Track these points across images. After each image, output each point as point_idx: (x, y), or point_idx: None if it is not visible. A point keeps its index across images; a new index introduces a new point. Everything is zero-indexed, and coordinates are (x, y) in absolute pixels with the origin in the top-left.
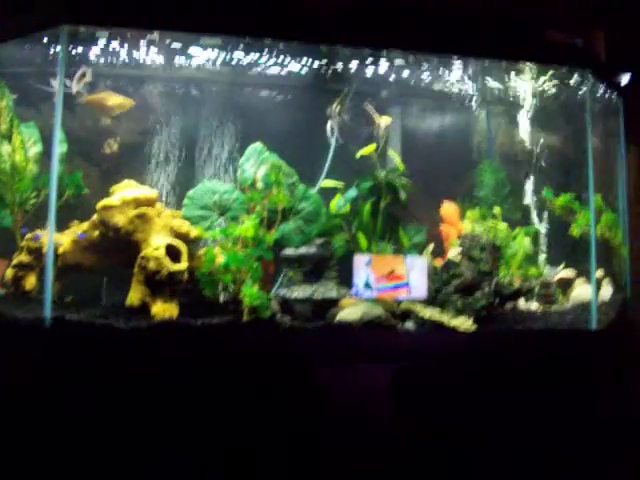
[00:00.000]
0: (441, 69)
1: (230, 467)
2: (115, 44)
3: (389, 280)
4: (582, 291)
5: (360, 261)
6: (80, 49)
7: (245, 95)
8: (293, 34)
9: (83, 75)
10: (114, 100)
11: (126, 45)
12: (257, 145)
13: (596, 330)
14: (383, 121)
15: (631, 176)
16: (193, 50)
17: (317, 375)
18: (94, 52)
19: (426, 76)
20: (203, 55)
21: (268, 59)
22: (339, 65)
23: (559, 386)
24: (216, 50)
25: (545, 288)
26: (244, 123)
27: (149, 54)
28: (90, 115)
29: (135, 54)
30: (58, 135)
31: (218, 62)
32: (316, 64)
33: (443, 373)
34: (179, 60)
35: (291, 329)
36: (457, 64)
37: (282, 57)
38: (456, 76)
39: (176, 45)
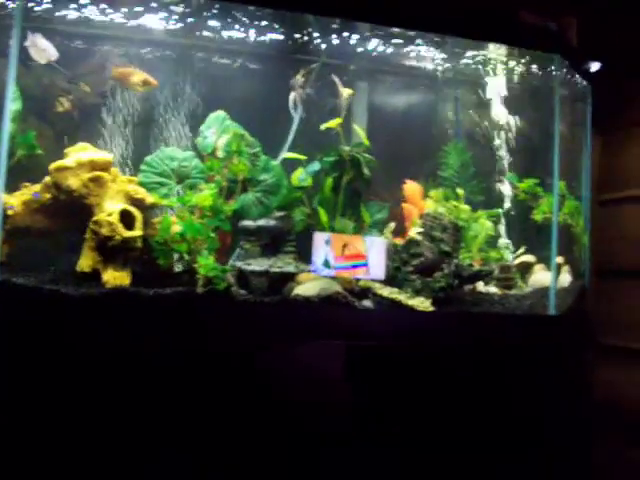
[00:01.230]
0: (410, 46)
1: (179, 443)
2: None
3: (348, 259)
4: (541, 276)
5: (319, 239)
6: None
7: (208, 61)
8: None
9: None
10: (139, 77)
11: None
12: (219, 113)
13: (554, 315)
14: (345, 92)
15: (595, 165)
16: (155, 10)
17: (271, 350)
18: (52, 6)
19: (394, 52)
20: (166, 16)
21: (234, 25)
22: (307, 35)
23: (515, 369)
24: (180, 12)
25: (505, 272)
26: (206, 90)
27: (109, 12)
28: (46, 73)
29: (94, 11)
30: (11, 91)
31: (182, 25)
32: (284, 33)
33: (397, 352)
34: (142, 21)
35: (246, 302)
36: (426, 41)
37: (249, 23)
38: (425, 54)
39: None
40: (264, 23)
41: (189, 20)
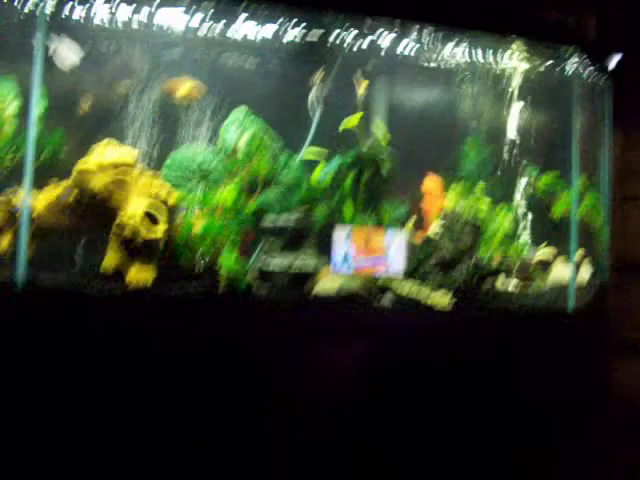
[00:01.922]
0: (430, 41)
1: (199, 440)
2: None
3: (368, 254)
4: (561, 272)
5: (340, 233)
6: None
7: (231, 59)
8: None
9: None
10: (187, 87)
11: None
12: (241, 110)
13: (573, 311)
14: (361, 85)
15: (615, 159)
16: (179, 9)
17: (293, 347)
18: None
19: (414, 48)
20: (189, 15)
21: (256, 23)
22: (327, 33)
23: (534, 365)
24: (203, 10)
25: (524, 267)
26: (229, 88)
27: (133, 12)
28: (70, 73)
29: (118, 12)
30: (37, 91)
31: (205, 24)
32: (305, 31)
33: (418, 349)
34: (166, 20)
35: (268, 300)
36: (447, 37)
37: (271, 22)
38: (445, 49)
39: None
40: (282, 20)
41: (206, 17)
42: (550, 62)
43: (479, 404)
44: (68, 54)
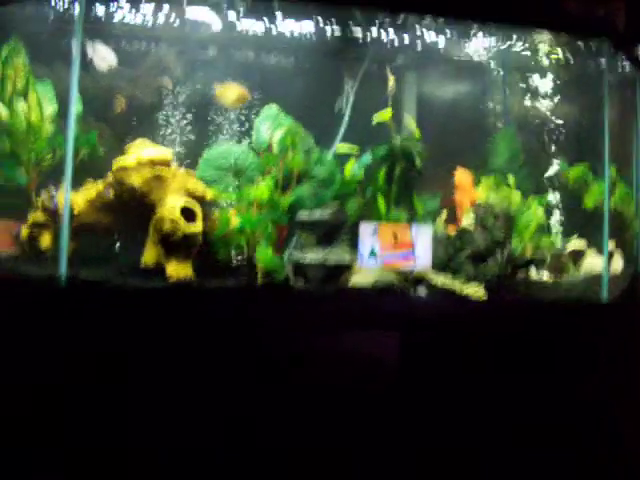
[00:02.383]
0: (458, 35)
1: (241, 432)
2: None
3: (395, 248)
4: (593, 263)
5: (366, 229)
6: (97, 6)
7: (261, 57)
8: None
9: None
10: (236, 93)
11: (142, 3)
12: (273, 107)
13: (607, 302)
14: (389, 81)
15: None
16: (209, 10)
17: (329, 340)
18: (110, 10)
19: (442, 42)
20: (220, 15)
21: (286, 21)
22: (356, 29)
23: (568, 356)
24: (234, 10)
25: (557, 259)
26: (260, 85)
27: (164, 13)
28: (104, 75)
29: (151, 13)
30: (75, 94)
31: (236, 23)
32: (333, 28)
33: (454, 340)
34: (196, 20)
35: (304, 293)
36: (474, 30)
37: (300, 20)
38: (473, 42)
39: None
40: (311, 18)
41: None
42: (579, 53)
43: (512, 395)
44: (103, 57)
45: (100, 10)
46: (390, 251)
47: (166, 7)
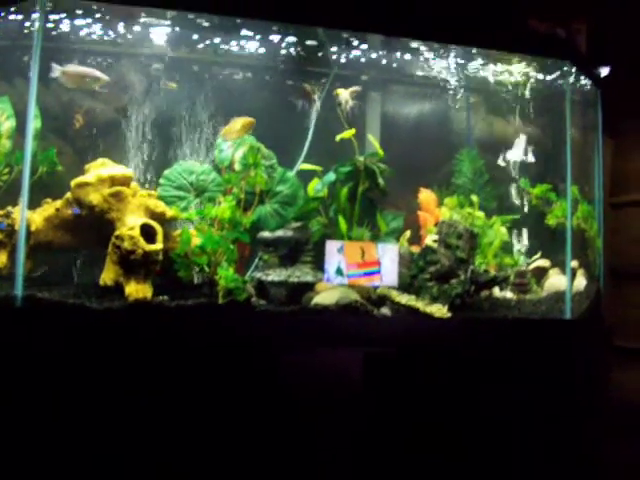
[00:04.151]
0: (422, 56)
1: (199, 450)
2: (91, 17)
3: (360, 267)
4: (557, 281)
5: (332, 247)
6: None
7: (223, 75)
8: (271, 15)
9: None
10: (237, 127)
11: (102, 19)
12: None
13: (570, 320)
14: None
15: (607, 168)
16: (170, 27)
17: (292, 359)
18: (70, 25)
19: (405, 62)
20: (180, 33)
21: (247, 40)
22: (320, 48)
23: (532, 375)
24: (194, 28)
25: (520, 277)
26: (222, 104)
27: (125, 30)
28: (64, 91)
29: (111, 29)
30: (32, 110)
31: (197, 41)
32: (297, 46)
33: (416, 358)
34: (156, 37)
35: (266, 312)
36: (438, 51)
37: (262, 38)
38: (436, 63)
39: (151, 22)
40: (276, 36)
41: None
42: (541, 74)
43: (474, 412)
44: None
45: (61, 25)
46: (356, 269)
47: (126, 23)
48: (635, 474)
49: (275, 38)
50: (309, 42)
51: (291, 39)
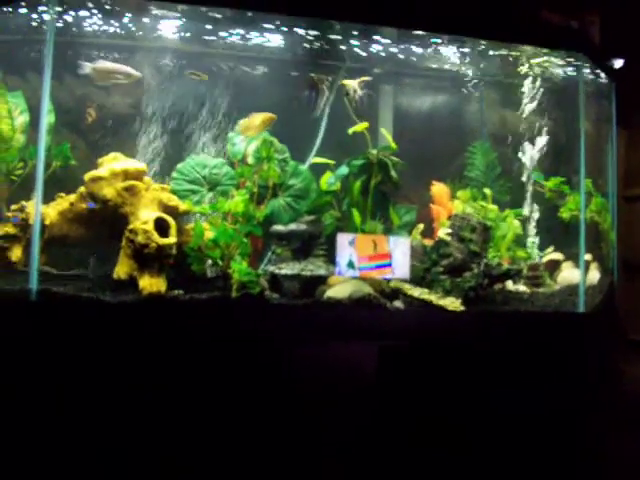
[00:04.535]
0: (435, 48)
1: (216, 444)
2: (105, 12)
3: (372, 259)
4: (570, 274)
5: (343, 240)
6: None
7: (236, 69)
8: (284, 8)
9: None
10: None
11: (116, 13)
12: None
13: (583, 313)
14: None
15: (620, 161)
16: (184, 21)
17: (305, 352)
18: (83, 20)
19: (420, 55)
20: (194, 27)
21: (261, 33)
22: (333, 41)
23: (545, 368)
24: (208, 22)
25: (533, 270)
26: (235, 97)
27: (139, 24)
28: (79, 86)
29: (125, 23)
30: (46, 105)
31: (210, 35)
32: (310, 39)
33: (429, 352)
34: (169, 31)
35: (280, 305)
36: (451, 43)
37: (275, 31)
38: (450, 55)
39: (165, 14)
40: (287, 29)
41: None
42: (555, 66)
43: (488, 405)
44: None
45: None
46: (367, 262)
47: (140, 17)
48: None
49: (287, 31)
50: (319, 34)
51: (301, 32)
